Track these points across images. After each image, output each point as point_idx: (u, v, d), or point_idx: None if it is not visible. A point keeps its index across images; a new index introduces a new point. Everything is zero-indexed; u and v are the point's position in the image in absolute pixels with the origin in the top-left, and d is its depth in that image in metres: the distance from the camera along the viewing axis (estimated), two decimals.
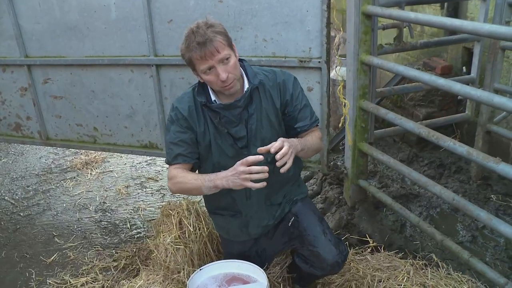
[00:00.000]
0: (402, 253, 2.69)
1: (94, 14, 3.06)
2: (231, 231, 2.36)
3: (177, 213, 2.67)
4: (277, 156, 1.86)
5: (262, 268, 2.25)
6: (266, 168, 1.87)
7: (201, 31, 1.90)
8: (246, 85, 2.07)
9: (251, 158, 1.88)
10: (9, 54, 3.45)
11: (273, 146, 1.87)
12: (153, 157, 4.41)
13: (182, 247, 2.55)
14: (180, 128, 2.13)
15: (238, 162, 1.91)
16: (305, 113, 2.19)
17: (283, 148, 1.87)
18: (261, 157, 1.87)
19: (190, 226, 2.61)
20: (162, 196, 3.96)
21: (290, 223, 2.30)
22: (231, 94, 2.04)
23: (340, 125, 2.87)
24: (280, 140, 1.90)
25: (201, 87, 2.12)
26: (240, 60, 2.12)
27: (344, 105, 2.89)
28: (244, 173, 1.88)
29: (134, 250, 3.15)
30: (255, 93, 2.11)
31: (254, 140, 2.12)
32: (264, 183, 1.89)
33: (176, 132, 2.13)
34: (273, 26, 2.69)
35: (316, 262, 2.23)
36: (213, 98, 2.09)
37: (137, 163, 4.61)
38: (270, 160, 2.17)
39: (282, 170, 1.87)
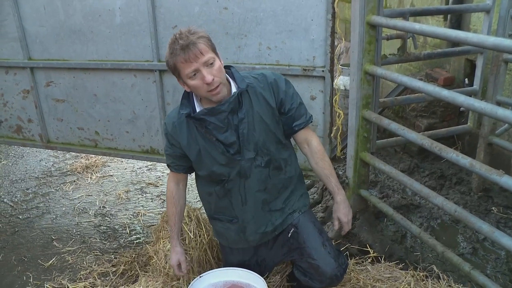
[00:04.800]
0: (403, 264, 2.68)
1: (98, 18, 3.06)
2: (230, 237, 2.35)
3: None
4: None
5: (262, 277, 2.24)
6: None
7: (184, 36, 1.93)
8: (234, 90, 2.08)
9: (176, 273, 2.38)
10: (12, 56, 3.46)
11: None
12: (154, 162, 4.40)
13: None
14: (168, 143, 2.24)
15: (176, 268, 2.36)
16: (301, 111, 2.23)
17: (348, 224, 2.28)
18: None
19: (191, 233, 2.60)
20: (162, 202, 3.95)
21: (289, 234, 2.29)
22: (219, 100, 2.03)
23: (332, 134, 2.88)
24: (346, 221, 2.29)
25: (186, 99, 2.13)
26: (227, 67, 2.13)
27: (338, 115, 2.89)
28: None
29: (133, 255, 3.13)
30: (245, 97, 2.10)
31: (247, 144, 2.11)
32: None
33: (166, 145, 2.27)
34: (278, 34, 2.70)
35: (315, 275, 2.22)
36: (198, 109, 2.10)
37: (137, 168, 4.60)
38: (264, 164, 2.16)
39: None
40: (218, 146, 2.10)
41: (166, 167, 2.38)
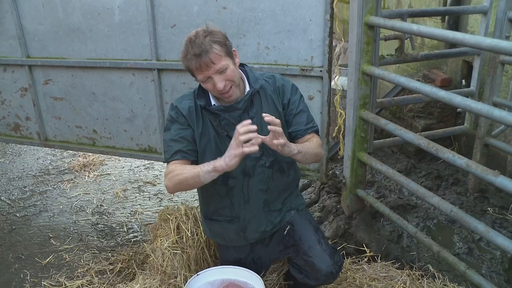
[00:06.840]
0: (399, 263, 2.70)
1: (97, 17, 3.06)
2: (228, 237, 2.36)
3: (175, 217, 2.67)
4: (271, 127, 1.85)
5: (259, 275, 2.25)
6: (254, 127, 1.85)
7: (198, 40, 1.93)
8: (247, 89, 2.10)
9: (246, 121, 1.88)
10: (11, 54, 3.45)
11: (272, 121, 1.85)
12: (152, 161, 4.41)
13: (179, 252, 2.54)
14: (181, 126, 2.14)
15: (240, 148, 1.86)
16: (301, 118, 2.20)
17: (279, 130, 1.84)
18: (254, 127, 1.85)
19: (188, 231, 2.60)
20: (160, 201, 3.96)
21: (285, 231, 2.31)
22: (230, 101, 2.07)
23: (334, 134, 2.90)
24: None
25: (201, 90, 2.15)
26: (242, 65, 2.14)
27: (340, 115, 2.91)
28: (240, 137, 1.84)
29: (131, 253, 3.14)
30: (256, 97, 2.14)
31: (254, 143, 2.12)
32: (257, 148, 1.85)
33: (177, 129, 2.14)
34: (276, 34, 2.71)
35: (310, 272, 2.23)
36: (213, 102, 2.12)
37: (135, 167, 4.61)
38: (269, 164, 2.18)
39: (275, 142, 1.86)
40: (228, 141, 2.10)
41: (164, 165, 2.34)
